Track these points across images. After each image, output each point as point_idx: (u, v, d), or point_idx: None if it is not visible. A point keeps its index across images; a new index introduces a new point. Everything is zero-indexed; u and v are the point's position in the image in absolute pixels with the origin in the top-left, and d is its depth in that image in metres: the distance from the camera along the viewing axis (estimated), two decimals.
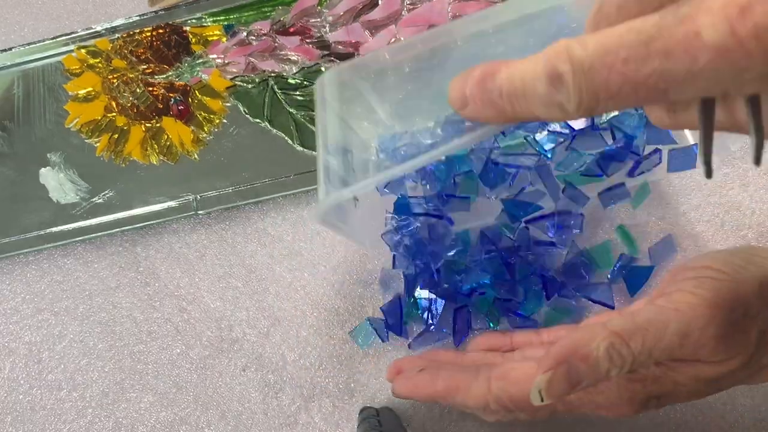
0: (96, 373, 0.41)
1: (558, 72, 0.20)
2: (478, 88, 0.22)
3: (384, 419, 0.35)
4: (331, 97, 0.30)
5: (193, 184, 0.43)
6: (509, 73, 0.21)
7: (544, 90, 0.20)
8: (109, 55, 0.47)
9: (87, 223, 0.43)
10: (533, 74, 0.21)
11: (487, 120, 0.23)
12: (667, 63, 0.18)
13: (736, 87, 0.19)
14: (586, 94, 0.20)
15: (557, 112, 0.21)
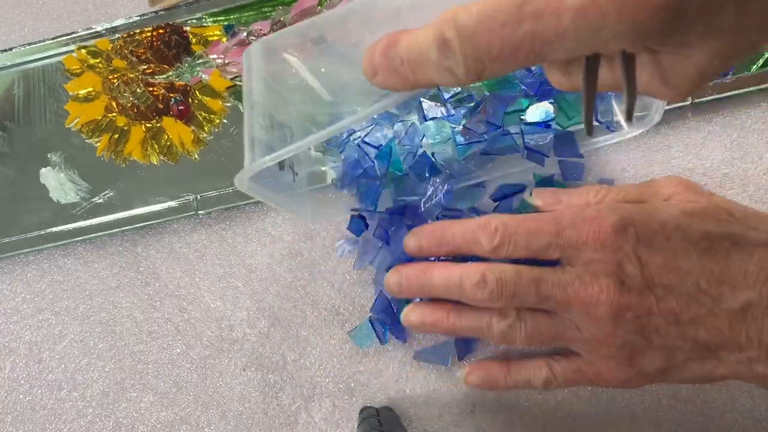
0: (96, 372, 0.41)
1: (445, 38, 0.21)
2: (383, 57, 0.24)
3: (384, 419, 0.35)
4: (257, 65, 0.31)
5: (193, 184, 0.43)
6: (408, 41, 0.23)
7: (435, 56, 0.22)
8: (109, 55, 0.47)
9: (87, 223, 0.43)
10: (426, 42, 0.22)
11: (395, 87, 0.25)
12: (538, 25, 0.20)
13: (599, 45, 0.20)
14: (471, 59, 0.21)
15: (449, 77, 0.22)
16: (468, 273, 0.31)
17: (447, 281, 0.32)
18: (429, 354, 0.38)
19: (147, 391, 0.40)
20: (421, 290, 0.33)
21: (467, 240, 0.32)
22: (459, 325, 0.33)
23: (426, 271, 0.33)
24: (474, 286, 0.31)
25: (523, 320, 0.31)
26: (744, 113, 0.40)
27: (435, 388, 0.38)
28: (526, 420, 0.36)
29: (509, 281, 0.30)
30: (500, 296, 0.30)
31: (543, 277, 0.30)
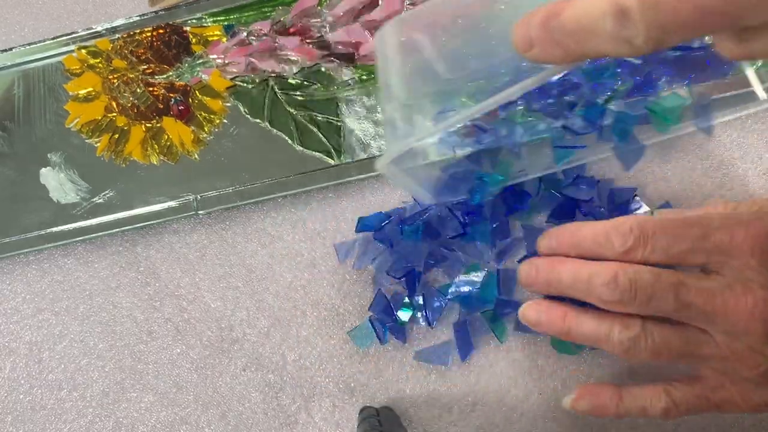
0: (96, 372, 0.41)
1: (624, 7, 0.19)
2: (542, 29, 0.22)
3: (384, 419, 0.35)
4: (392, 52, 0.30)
5: (193, 184, 0.43)
6: (574, 11, 0.21)
7: (610, 26, 0.20)
8: (109, 55, 0.47)
9: (87, 223, 0.43)
10: (599, 11, 0.20)
11: (554, 60, 0.23)
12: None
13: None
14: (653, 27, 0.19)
15: (626, 48, 0.20)
16: (598, 271, 0.28)
17: (575, 276, 0.29)
18: (429, 354, 0.38)
19: (147, 391, 0.40)
20: (548, 284, 0.31)
21: (597, 241, 0.29)
22: (575, 329, 0.30)
23: (556, 264, 0.30)
24: (603, 285, 0.28)
25: (649, 333, 0.28)
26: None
27: (435, 388, 0.38)
28: (525, 420, 0.36)
29: (645, 284, 0.27)
30: (632, 299, 0.27)
31: (685, 282, 0.27)
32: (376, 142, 0.42)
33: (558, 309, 0.31)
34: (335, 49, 0.44)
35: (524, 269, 0.32)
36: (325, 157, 0.42)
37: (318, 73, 0.44)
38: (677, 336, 0.28)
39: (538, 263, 0.31)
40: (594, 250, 0.30)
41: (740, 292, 0.26)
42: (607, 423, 0.36)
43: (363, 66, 0.43)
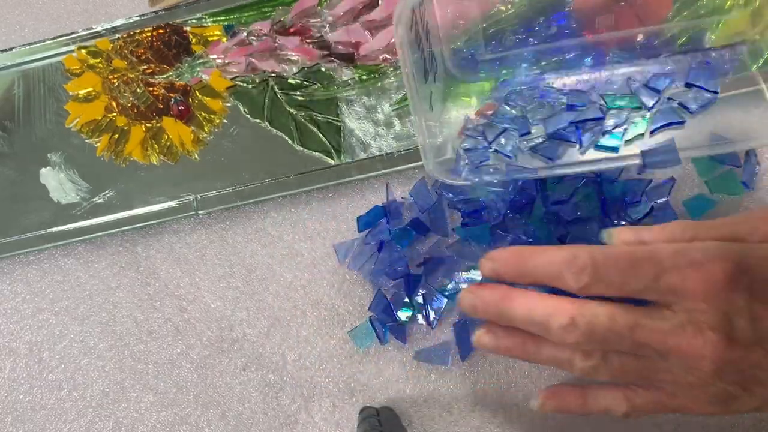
0: (96, 372, 0.41)
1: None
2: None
3: (384, 419, 0.35)
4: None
5: (193, 184, 0.43)
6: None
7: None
8: (109, 55, 0.47)
9: (87, 223, 0.43)
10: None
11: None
12: None
13: None
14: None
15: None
16: (554, 313, 0.29)
17: (529, 316, 0.29)
18: (429, 354, 0.38)
19: (147, 391, 0.40)
20: (498, 318, 0.31)
21: (550, 274, 0.29)
22: (537, 356, 0.30)
23: (506, 298, 0.30)
24: (561, 328, 0.28)
25: (608, 361, 0.29)
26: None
27: (435, 388, 0.38)
28: (525, 420, 0.36)
29: (601, 327, 0.28)
30: (589, 342, 0.28)
31: (639, 323, 0.28)
32: (376, 142, 0.42)
33: (516, 336, 0.31)
34: (335, 49, 0.44)
35: (467, 299, 0.32)
36: (325, 157, 0.42)
37: (318, 73, 0.44)
38: (634, 364, 0.29)
39: (484, 296, 0.31)
40: (546, 282, 0.30)
41: (691, 333, 0.27)
42: (607, 423, 0.36)
43: (363, 66, 0.43)
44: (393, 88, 0.43)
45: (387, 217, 0.40)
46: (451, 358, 0.37)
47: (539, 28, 0.41)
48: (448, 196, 0.39)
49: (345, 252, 0.40)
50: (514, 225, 0.38)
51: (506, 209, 0.38)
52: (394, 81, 0.43)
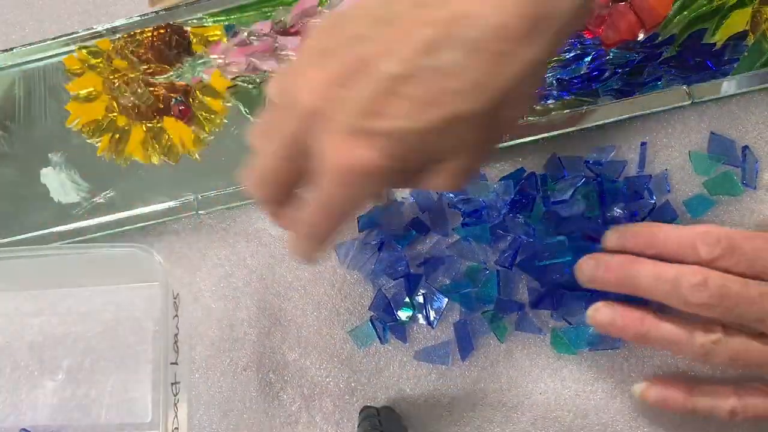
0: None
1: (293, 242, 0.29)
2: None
3: (384, 419, 0.35)
4: None
5: (193, 184, 0.43)
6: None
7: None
8: (110, 55, 0.47)
9: (88, 223, 0.43)
10: None
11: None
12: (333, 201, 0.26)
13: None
14: None
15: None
16: (686, 273, 0.28)
17: (658, 276, 0.29)
18: (429, 354, 0.38)
19: None
20: (622, 282, 0.30)
21: (683, 245, 0.29)
22: (655, 333, 0.30)
23: (633, 262, 0.30)
24: (692, 286, 0.28)
25: (731, 339, 0.28)
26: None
27: (435, 388, 0.38)
28: (525, 420, 0.36)
29: (734, 291, 0.27)
30: (719, 304, 0.27)
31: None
32: None
33: (635, 311, 0.30)
34: None
35: (588, 265, 0.31)
36: None
37: None
38: (757, 345, 0.28)
39: (608, 260, 0.31)
40: (676, 253, 0.29)
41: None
42: (607, 423, 0.36)
43: None
44: None
45: (387, 216, 0.40)
46: (451, 357, 0.37)
47: None
48: (449, 196, 0.39)
49: (345, 252, 0.40)
50: (514, 225, 0.38)
51: (506, 209, 0.38)
52: None
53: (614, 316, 0.31)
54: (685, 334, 0.29)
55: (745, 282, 0.28)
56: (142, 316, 0.41)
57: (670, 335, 0.29)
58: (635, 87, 0.39)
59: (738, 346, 0.28)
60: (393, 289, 0.39)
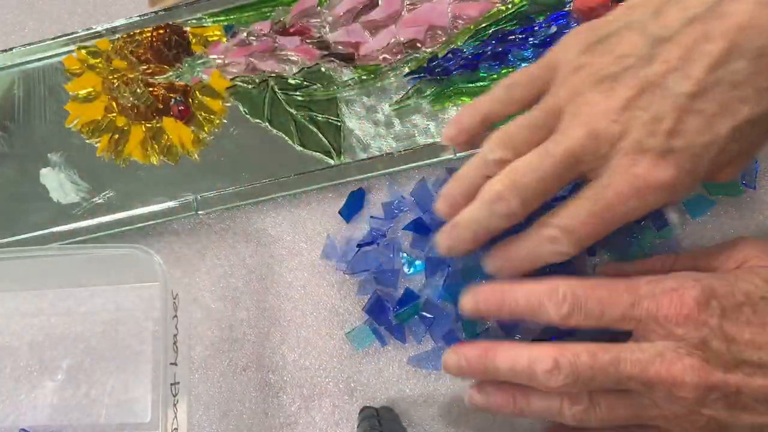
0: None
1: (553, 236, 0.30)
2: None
3: (384, 419, 0.35)
4: None
5: (193, 184, 0.43)
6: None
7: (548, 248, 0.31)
8: (109, 55, 0.47)
9: (87, 223, 0.43)
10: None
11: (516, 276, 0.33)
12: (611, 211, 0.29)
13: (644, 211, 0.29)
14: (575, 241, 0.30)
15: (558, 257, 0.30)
16: (538, 357, 0.29)
17: (514, 366, 0.30)
18: (422, 359, 0.38)
19: None
20: (484, 374, 0.31)
21: (531, 306, 0.30)
22: (527, 410, 0.31)
23: (489, 352, 0.31)
24: (546, 373, 0.29)
25: (596, 403, 0.29)
26: None
27: (435, 388, 0.38)
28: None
29: (585, 366, 0.28)
30: (575, 383, 0.28)
31: (621, 357, 0.28)
32: (376, 142, 0.42)
33: (505, 392, 0.32)
34: (335, 49, 0.44)
35: (451, 361, 0.32)
36: (325, 157, 0.42)
37: (318, 73, 0.44)
38: (623, 403, 0.29)
39: (467, 353, 0.32)
40: (526, 314, 0.31)
41: (670, 360, 0.27)
42: None
43: (363, 66, 0.43)
44: (393, 88, 0.43)
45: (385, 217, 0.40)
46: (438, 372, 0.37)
47: (539, 27, 0.41)
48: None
49: (341, 255, 0.40)
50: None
51: None
52: (394, 81, 0.43)
53: (488, 399, 0.32)
54: (555, 407, 0.30)
55: (594, 353, 0.28)
56: (141, 316, 0.41)
57: (541, 410, 0.31)
58: None
59: (605, 411, 0.29)
60: (389, 290, 0.39)
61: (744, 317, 0.28)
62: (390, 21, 0.43)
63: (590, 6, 0.40)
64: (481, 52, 0.41)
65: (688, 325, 0.27)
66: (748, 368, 0.27)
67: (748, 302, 0.28)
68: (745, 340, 0.27)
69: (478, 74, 0.41)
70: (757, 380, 0.27)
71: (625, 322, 0.29)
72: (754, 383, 0.27)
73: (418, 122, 0.41)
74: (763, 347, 0.27)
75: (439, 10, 0.43)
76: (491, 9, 0.42)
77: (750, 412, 0.28)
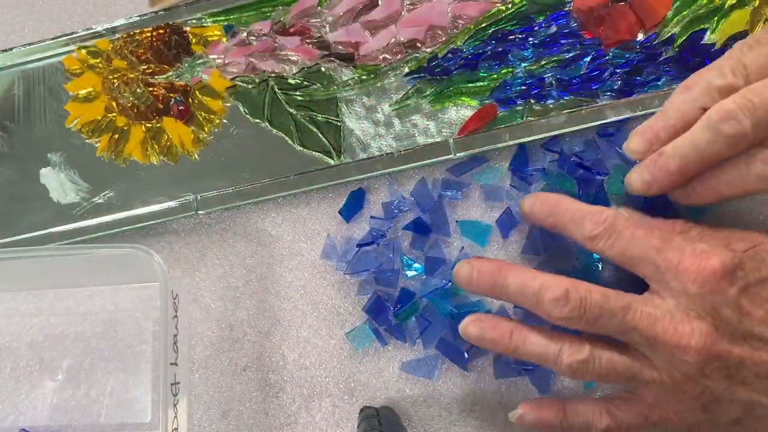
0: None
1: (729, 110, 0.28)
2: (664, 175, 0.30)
3: (384, 419, 0.35)
4: None
5: (193, 184, 0.43)
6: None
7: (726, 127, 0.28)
8: (109, 55, 0.47)
9: (87, 223, 0.43)
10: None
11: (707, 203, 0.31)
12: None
13: None
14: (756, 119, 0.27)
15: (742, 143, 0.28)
16: (549, 284, 0.29)
17: (523, 286, 0.30)
18: (415, 366, 0.37)
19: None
20: (492, 289, 0.31)
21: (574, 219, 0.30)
22: (522, 348, 0.30)
23: (502, 269, 0.31)
24: (553, 300, 0.29)
25: (597, 356, 0.29)
26: None
27: (435, 388, 0.38)
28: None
29: (594, 304, 0.28)
30: (581, 318, 0.28)
31: (632, 305, 0.28)
32: (376, 142, 0.42)
33: (504, 325, 0.31)
34: (335, 49, 0.44)
35: (463, 270, 0.32)
36: (325, 157, 0.42)
37: (318, 73, 0.44)
38: (622, 361, 0.29)
39: (480, 266, 0.32)
40: (566, 225, 0.31)
41: (679, 320, 0.27)
42: None
43: (363, 66, 0.43)
44: (393, 88, 0.43)
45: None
46: (437, 371, 0.37)
47: (539, 27, 0.41)
48: (448, 194, 0.39)
49: (341, 255, 0.40)
50: None
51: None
52: (394, 81, 0.43)
53: (483, 331, 0.31)
54: (552, 352, 0.30)
55: (607, 295, 0.28)
56: (141, 316, 0.41)
57: (537, 351, 0.30)
58: (635, 87, 0.39)
59: (604, 365, 0.29)
60: (390, 289, 0.39)
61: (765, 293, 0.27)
62: (390, 21, 0.43)
63: (590, 6, 0.40)
64: (481, 52, 0.41)
65: (705, 286, 0.27)
66: (756, 342, 0.27)
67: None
68: (759, 315, 0.27)
69: (478, 74, 0.41)
70: (762, 355, 0.27)
71: (645, 265, 0.29)
72: (759, 357, 0.27)
73: (418, 122, 0.41)
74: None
75: (439, 10, 0.43)
76: (491, 9, 0.42)
77: (747, 387, 0.27)
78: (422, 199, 0.39)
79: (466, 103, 0.41)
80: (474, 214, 0.39)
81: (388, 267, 0.38)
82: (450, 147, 0.40)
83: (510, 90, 0.40)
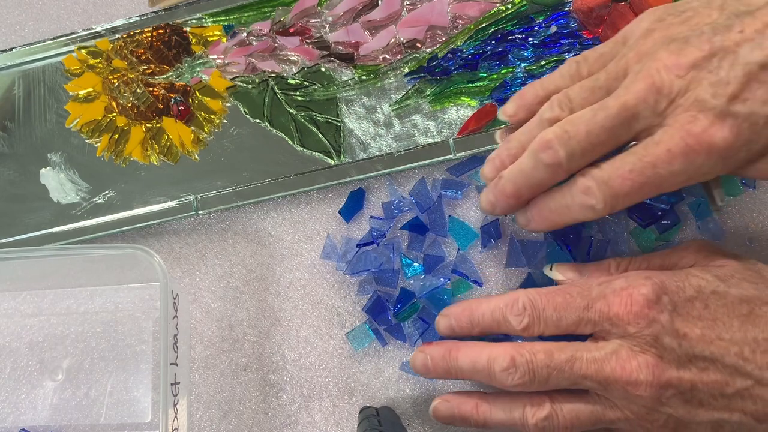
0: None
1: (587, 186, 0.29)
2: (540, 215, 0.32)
3: (384, 419, 0.35)
4: None
5: (193, 184, 0.43)
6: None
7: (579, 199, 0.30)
8: (109, 55, 0.47)
9: (87, 224, 0.43)
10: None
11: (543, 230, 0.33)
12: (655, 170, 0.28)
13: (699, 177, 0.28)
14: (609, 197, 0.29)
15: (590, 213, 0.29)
16: (495, 355, 0.30)
17: (473, 364, 0.31)
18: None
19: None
20: (447, 372, 0.32)
21: (496, 320, 0.31)
22: (490, 420, 0.31)
23: (452, 352, 0.32)
24: (503, 371, 0.29)
25: (558, 410, 0.30)
26: None
27: (435, 388, 0.38)
28: None
29: (541, 364, 0.29)
30: (532, 382, 0.29)
31: (576, 355, 0.29)
32: (375, 142, 0.42)
33: (469, 402, 0.32)
34: (335, 49, 0.44)
35: (418, 360, 0.33)
36: (325, 157, 0.42)
37: (318, 73, 0.44)
38: (584, 407, 0.30)
39: (432, 352, 0.33)
40: (494, 328, 0.32)
41: (625, 358, 0.28)
42: None
43: (363, 66, 0.43)
44: (393, 88, 0.43)
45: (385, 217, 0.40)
46: None
47: (539, 27, 0.41)
48: (448, 195, 0.39)
49: (341, 255, 0.40)
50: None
51: None
52: (394, 81, 0.43)
53: (452, 411, 0.33)
54: (518, 416, 0.30)
55: (551, 352, 0.29)
56: (141, 316, 0.41)
57: (504, 419, 0.31)
58: None
59: (567, 416, 0.30)
60: (389, 289, 0.39)
61: (695, 312, 0.28)
62: (390, 21, 0.43)
63: (590, 6, 0.40)
64: (481, 52, 0.41)
65: (640, 323, 0.28)
66: (701, 363, 0.27)
67: (699, 297, 0.28)
68: (696, 335, 0.28)
69: (478, 74, 0.41)
70: (710, 375, 0.27)
71: (582, 325, 0.29)
72: (708, 378, 0.27)
73: (418, 122, 0.41)
74: (714, 341, 0.27)
75: (439, 10, 0.43)
76: (491, 9, 0.42)
77: (706, 408, 0.28)
78: (422, 199, 0.39)
79: (466, 103, 0.41)
80: (473, 214, 0.39)
81: (388, 267, 0.38)
82: (450, 147, 0.40)
83: (510, 90, 0.40)
